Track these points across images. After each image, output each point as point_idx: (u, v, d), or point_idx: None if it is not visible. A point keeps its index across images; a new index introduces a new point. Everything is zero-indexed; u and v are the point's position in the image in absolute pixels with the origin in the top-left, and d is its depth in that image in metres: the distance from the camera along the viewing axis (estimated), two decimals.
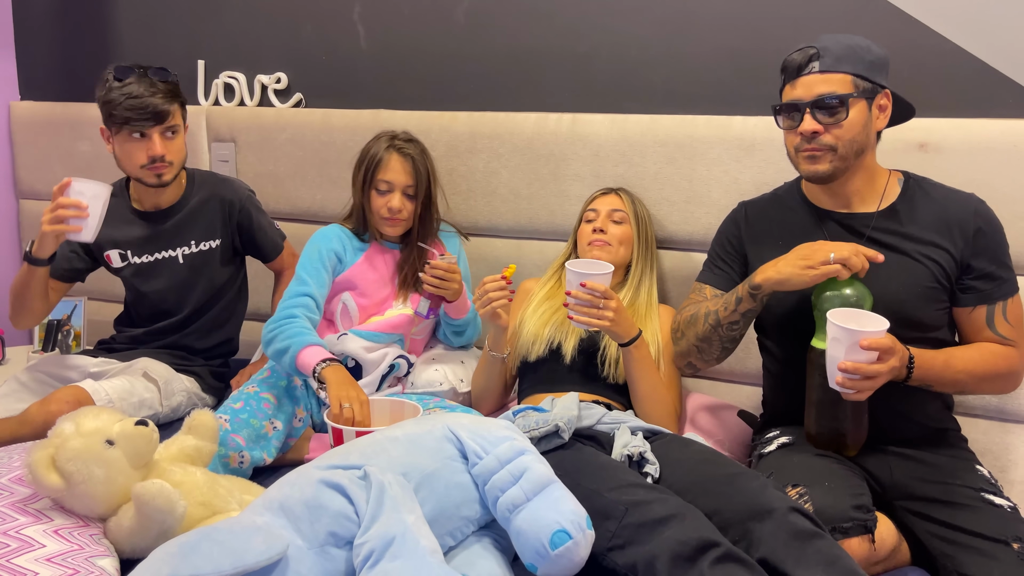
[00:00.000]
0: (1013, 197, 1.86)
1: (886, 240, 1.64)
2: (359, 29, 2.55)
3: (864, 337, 1.41)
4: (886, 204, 1.67)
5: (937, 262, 1.61)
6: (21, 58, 3.04)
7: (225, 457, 1.72)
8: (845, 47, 1.58)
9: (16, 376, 2.07)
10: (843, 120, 1.56)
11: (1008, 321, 1.61)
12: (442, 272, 1.94)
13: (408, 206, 2.08)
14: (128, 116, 1.99)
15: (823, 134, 1.57)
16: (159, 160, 2.04)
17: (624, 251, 2.03)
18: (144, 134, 2.02)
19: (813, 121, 1.57)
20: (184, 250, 2.20)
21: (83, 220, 1.85)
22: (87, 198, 1.85)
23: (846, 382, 1.44)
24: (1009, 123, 1.89)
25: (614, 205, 2.05)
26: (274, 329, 1.92)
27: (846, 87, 1.56)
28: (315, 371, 1.80)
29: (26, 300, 2.05)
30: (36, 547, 1.28)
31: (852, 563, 1.27)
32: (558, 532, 1.25)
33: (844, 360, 1.42)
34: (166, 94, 2.03)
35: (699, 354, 1.76)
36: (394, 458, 1.34)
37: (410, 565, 1.15)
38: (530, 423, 1.59)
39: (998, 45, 1.93)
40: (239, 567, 1.13)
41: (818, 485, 1.48)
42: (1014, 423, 1.92)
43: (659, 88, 2.23)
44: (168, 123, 2.04)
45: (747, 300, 1.63)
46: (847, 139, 1.58)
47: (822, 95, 1.56)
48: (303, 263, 2.06)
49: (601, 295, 1.71)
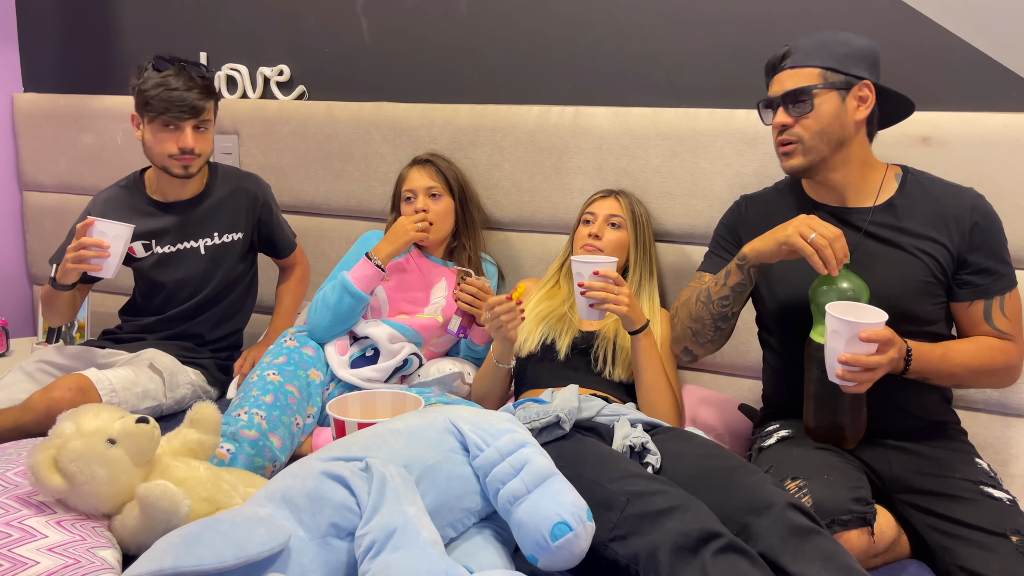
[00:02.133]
0: (1016, 191, 1.86)
1: (882, 234, 1.65)
2: (362, 22, 2.55)
3: (863, 329, 1.41)
4: (883, 199, 1.67)
5: (933, 256, 1.61)
6: (24, 50, 3.04)
7: (261, 468, 1.72)
8: (815, 42, 1.62)
9: (22, 365, 2.08)
10: (809, 112, 1.60)
11: (1005, 316, 1.61)
12: (475, 291, 1.97)
13: (433, 206, 2.16)
14: (165, 107, 2.04)
15: (792, 127, 1.62)
16: (188, 152, 2.08)
17: (619, 256, 2.04)
18: (178, 126, 2.07)
19: (784, 115, 1.62)
20: (206, 241, 2.23)
21: (103, 260, 1.92)
22: (109, 238, 1.92)
23: (846, 374, 1.43)
24: (1012, 116, 1.88)
25: (612, 210, 2.06)
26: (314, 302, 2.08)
27: (812, 80, 1.60)
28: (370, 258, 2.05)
29: (56, 308, 2.16)
30: (38, 537, 1.28)
31: (849, 558, 1.27)
32: (558, 524, 1.24)
33: (844, 352, 1.43)
34: (203, 90, 2.08)
35: (693, 337, 1.77)
36: (396, 450, 1.34)
37: (411, 556, 1.15)
38: (531, 414, 1.60)
39: (1001, 39, 1.92)
40: (241, 557, 1.13)
41: (817, 478, 1.48)
42: (1015, 417, 1.92)
43: (662, 81, 2.23)
44: (202, 118, 2.09)
45: (735, 273, 1.66)
46: (815, 130, 1.61)
47: (790, 89, 1.61)
48: (343, 265, 2.13)
49: (614, 280, 1.74)
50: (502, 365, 1.92)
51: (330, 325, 2.06)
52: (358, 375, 2.01)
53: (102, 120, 2.85)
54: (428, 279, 2.20)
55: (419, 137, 2.42)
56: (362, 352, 2.08)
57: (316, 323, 2.07)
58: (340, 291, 2.03)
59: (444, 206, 2.18)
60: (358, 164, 2.52)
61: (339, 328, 2.07)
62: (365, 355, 2.07)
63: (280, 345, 2.04)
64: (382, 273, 2.06)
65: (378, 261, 2.05)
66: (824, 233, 1.49)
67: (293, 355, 1.99)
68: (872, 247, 1.65)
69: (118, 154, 2.83)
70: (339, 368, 2.03)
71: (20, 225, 3.08)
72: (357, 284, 2.03)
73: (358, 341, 2.10)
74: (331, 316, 2.05)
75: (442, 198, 2.18)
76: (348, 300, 2.03)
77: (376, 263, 2.05)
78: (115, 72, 2.90)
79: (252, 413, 1.78)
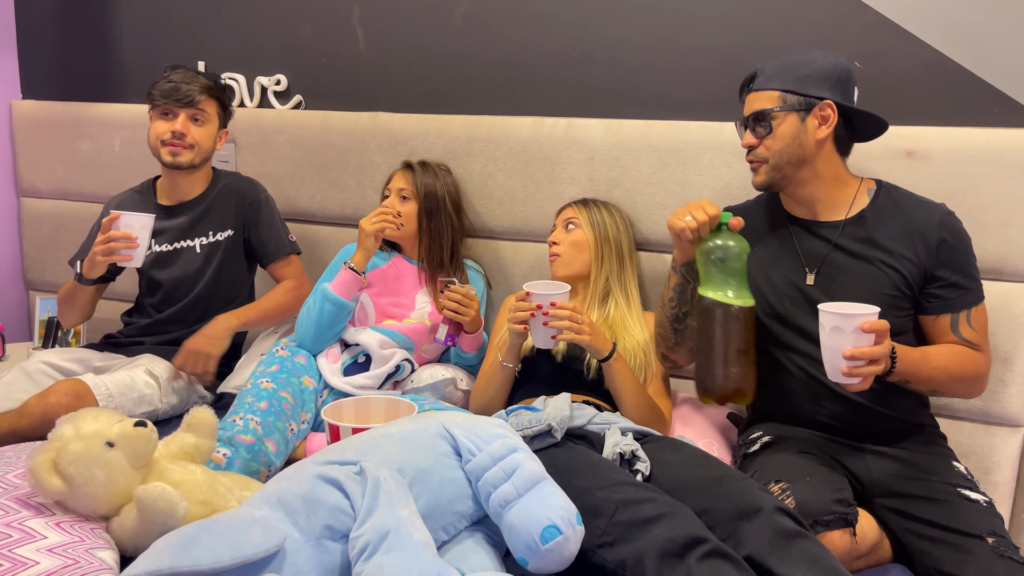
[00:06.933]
0: (998, 204, 1.89)
1: (851, 247, 1.70)
2: (358, 32, 2.58)
3: (865, 320, 1.43)
4: (855, 212, 1.72)
5: (899, 271, 1.65)
6: (23, 57, 3.06)
7: (257, 473, 1.75)
8: (779, 66, 1.69)
9: (22, 366, 2.11)
10: (769, 133, 1.68)
11: (972, 327, 1.65)
12: (459, 298, 2.00)
13: (401, 207, 2.20)
14: (163, 95, 2.19)
15: (757, 147, 1.70)
16: (179, 138, 2.18)
17: (582, 257, 2.06)
18: (174, 114, 2.20)
19: (750, 136, 1.71)
20: (201, 240, 2.29)
21: (133, 250, 2.03)
22: (136, 229, 2.03)
23: (852, 370, 1.45)
24: (994, 131, 1.92)
25: (567, 215, 2.11)
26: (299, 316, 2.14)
27: (772, 102, 1.68)
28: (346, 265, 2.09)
29: (76, 305, 2.28)
30: (38, 538, 1.30)
31: (834, 561, 1.30)
32: (548, 527, 1.27)
33: (849, 347, 1.43)
34: (202, 87, 2.22)
35: (663, 342, 1.85)
36: (389, 454, 1.37)
37: (404, 557, 1.17)
38: (523, 422, 1.62)
39: (984, 55, 1.96)
40: (238, 558, 1.15)
41: (799, 480, 1.52)
42: (997, 425, 1.95)
43: (653, 94, 2.27)
44: (195, 108, 2.21)
45: (672, 274, 1.78)
46: (776, 149, 1.68)
47: (753, 111, 1.69)
48: (325, 276, 2.17)
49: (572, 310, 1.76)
50: (509, 365, 1.93)
51: (315, 334, 2.10)
52: (351, 383, 2.04)
53: (99, 127, 2.87)
54: (412, 283, 2.24)
55: (414, 147, 2.45)
56: (354, 359, 2.10)
57: (303, 335, 2.12)
58: (320, 300, 2.08)
59: (408, 208, 2.22)
60: (354, 173, 2.54)
61: (325, 336, 2.11)
62: (357, 361, 2.10)
63: (272, 355, 2.07)
64: (359, 277, 2.10)
65: (352, 265, 2.10)
66: (693, 213, 1.62)
67: (286, 363, 2.02)
68: (842, 260, 1.70)
69: (115, 161, 2.85)
70: (331, 376, 2.06)
71: (17, 231, 3.09)
72: (335, 291, 2.07)
73: (349, 348, 2.13)
74: (315, 326, 2.09)
75: (409, 201, 2.23)
76: (329, 308, 2.07)
77: (350, 267, 2.09)
78: (113, 80, 2.92)
79: (247, 419, 1.81)
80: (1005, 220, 1.89)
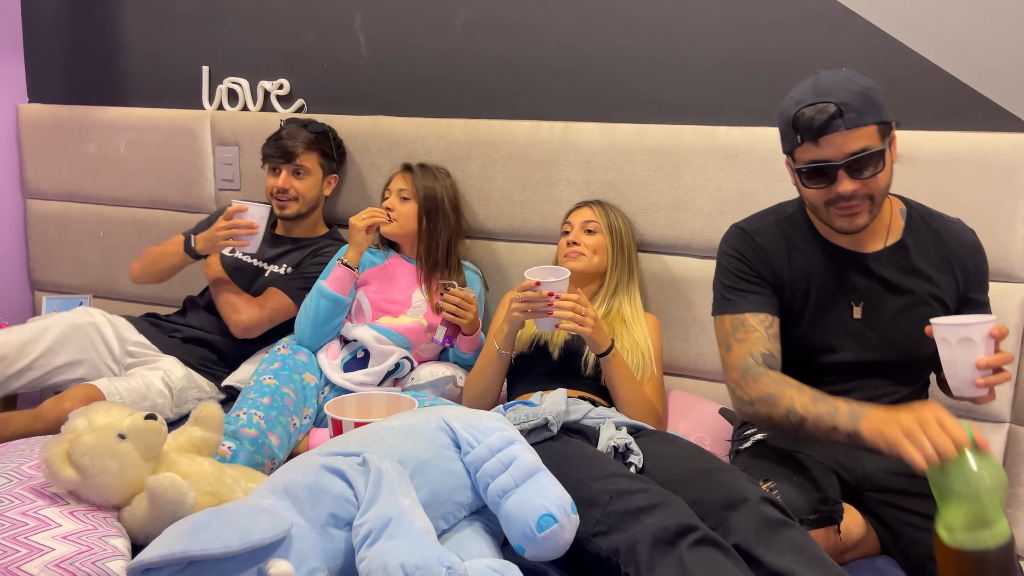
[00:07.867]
0: (982, 207, 1.94)
1: (894, 279, 1.63)
2: (360, 37, 2.62)
3: (994, 325, 1.35)
4: (893, 238, 1.64)
5: (942, 300, 1.63)
6: (29, 61, 3.09)
7: (260, 465, 1.81)
8: (860, 96, 1.48)
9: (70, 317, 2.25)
10: (880, 172, 1.51)
11: None
12: (458, 300, 2.05)
13: (400, 207, 2.26)
14: (267, 153, 2.38)
15: (860, 189, 1.51)
16: (282, 192, 2.35)
17: (599, 259, 2.11)
18: (277, 169, 2.36)
19: (851, 181, 1.50)
20: (275, 269, 2.38)
21: (251, 236, 2.19)
22: (256, 219, 2.19)
23: (987, 380, 1.37)
24: (979, 136, 1.97)
25: (586, 217, 2.14)
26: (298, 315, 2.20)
27: (875, 140, 1.49)
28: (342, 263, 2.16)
29: (161, 269, 2.40)
30: (53, 526, 1.34)
31: (819, 550, 1.33)
32: (544, 516, 1.30)
33: (982, 357, 1.36)
34: (305, 142, 2.36)
35: (766, 430, 1.71)
36: (391, 446, 1.41)
37: (405, 543, 1.21)
38: (520, 416, 1.67)
39: (969, 61, 2.01)
40: (247, 543, 1.20)
41: (787, 480, 1.53)
42: (982, 422, 1.99)
43: (648, 99, 2.31)
44: (295, 163, 2.35)
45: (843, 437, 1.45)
46: (882, 187, 1.53)
47: (855, 153, 1.48)
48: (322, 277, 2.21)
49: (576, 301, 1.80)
50: (505, 352, 1.96)
51: (312, 330, 2.16)
52: (351, 379, 2.09)
53: (105, 131, 2.91)
54: (409, 281, 2.29)
55: (414, 150, 2.49)
56: (352, 355, 2.16)
57: (301, 331, 2.18)
58: (316, 296, 2.15)
59: (408, 209, 2.27)
60: (355, 176, 2.59)
61: (321, 332, 2.17)
62: (356, 357, 2.16)
63: (274, 353, 2.14)
64: (352, 272, 2.16)
65: (345, 261, 2.16)
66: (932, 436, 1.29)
67: (288, 361, 2.08)
68: (886, 292, 1.64)
69: (120, 164, 2.89)
70: (332, 372, 2.11)
71: (23, 232, 3.12)
72: (330, 286, 2.13)
73: (348, 344, 2.19)
74: (311, 322, 2.15)
75: (409, 202, 2.28)
76: (324, 303, 2.13)
77: (344, 263, 2.15)
78: (118, 84, 2.95)
79: (251, 413, 1.86)
80: (988, 222, 1.92)
